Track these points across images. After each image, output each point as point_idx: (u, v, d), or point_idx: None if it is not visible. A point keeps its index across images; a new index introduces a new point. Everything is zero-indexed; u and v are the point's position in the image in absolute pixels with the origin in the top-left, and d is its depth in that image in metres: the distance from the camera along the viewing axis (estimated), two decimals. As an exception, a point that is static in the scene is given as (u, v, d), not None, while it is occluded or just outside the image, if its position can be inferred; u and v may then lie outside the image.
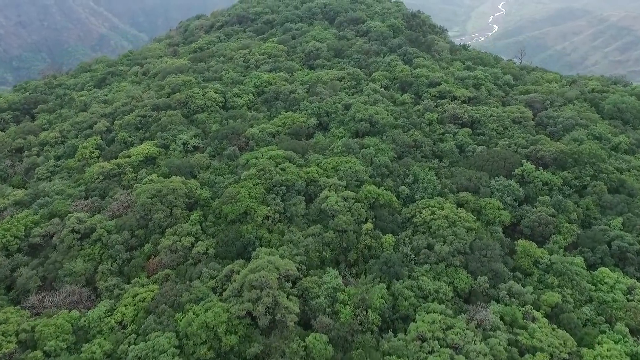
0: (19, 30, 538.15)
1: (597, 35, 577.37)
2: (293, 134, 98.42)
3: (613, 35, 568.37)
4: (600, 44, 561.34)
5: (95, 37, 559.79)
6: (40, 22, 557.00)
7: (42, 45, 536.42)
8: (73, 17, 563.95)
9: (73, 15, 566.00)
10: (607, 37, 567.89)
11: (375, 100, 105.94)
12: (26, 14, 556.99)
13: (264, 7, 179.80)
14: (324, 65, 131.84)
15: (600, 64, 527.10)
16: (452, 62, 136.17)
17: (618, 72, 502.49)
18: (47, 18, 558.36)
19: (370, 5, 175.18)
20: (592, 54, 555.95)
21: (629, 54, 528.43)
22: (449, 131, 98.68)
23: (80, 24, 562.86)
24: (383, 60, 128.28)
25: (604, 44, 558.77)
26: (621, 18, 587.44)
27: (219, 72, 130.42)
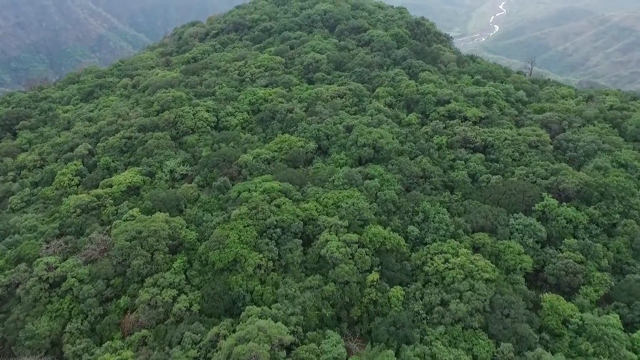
0: (17, 31, 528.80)
1: (599, 36, 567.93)
2: (290, 161, 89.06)
3: (615, 35, 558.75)
4: (602, 45, 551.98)
5: (94, 37, 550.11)
6: (38, 22, 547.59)
7: (41, 46, 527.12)
8: (72, 18, 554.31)
9: (72, 15, 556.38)
10: (609, 37, 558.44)
11: (379, 122, 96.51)
12: (24, 15, 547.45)
13: (261, 14, 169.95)
14: (324, 79, 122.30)
15: (602, 64, 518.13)
16: (460, 75, 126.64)
17: (620, 73, 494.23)
18: (45, 19, 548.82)
19: (372, 12, 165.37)
20: (593, 54, 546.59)
21: (631, 54, 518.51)
22: (460, 157, 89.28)
23: (79, 24, 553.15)
24: (387, 74, 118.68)
25: (606, 44, 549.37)
26: (623, 18, 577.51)
27: (212, 86, 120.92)
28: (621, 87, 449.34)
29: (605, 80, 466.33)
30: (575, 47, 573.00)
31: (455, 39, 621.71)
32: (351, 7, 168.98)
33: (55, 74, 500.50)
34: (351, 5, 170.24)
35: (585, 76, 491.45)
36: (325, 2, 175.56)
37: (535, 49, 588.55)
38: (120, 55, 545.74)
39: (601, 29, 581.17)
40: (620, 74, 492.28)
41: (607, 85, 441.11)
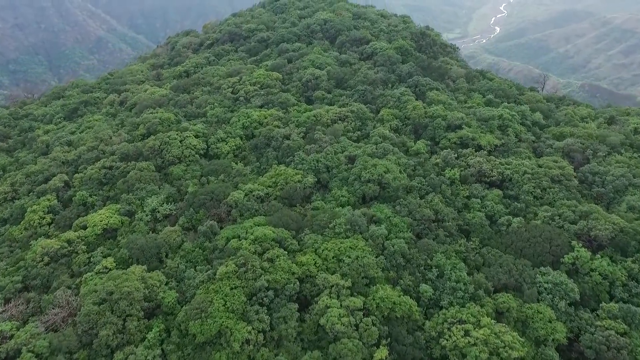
0: (16, 33, 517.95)
1: (600, 38, 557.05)
2: (286, 198, 78.63)
3: (617, 37, 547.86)
4: (603, 47, 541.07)
5: (92, 39, 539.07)
6: (37, 24, 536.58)
7: (39, 48, 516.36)
8: (70, 20, 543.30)
9: (70, 17, 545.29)
10: (610, 39, 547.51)
11: (384, 151, 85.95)
12: (23, 16, 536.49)
13: (258, 23, 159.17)
14: (324, 99, 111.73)
15: (603, 67, 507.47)
16: (470, 93, 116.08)
17: (622, 75, 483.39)
18: (44, 20, 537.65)
19: (375, 22, 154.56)
20: (595, 56, 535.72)
21: (633, 57, 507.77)
22: (475, 195, 78.77)
23: (78, 26, 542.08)
24: (392, 94, 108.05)
25: (608, 46, 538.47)
26: (625, 20, 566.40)
27: (203, 106, 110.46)
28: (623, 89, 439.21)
29: (607, 83, 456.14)
30: (576, 49, 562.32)
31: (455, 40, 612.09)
32: (352, 16, 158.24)
33: (54, 75, 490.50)
34: (352, 14, 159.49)
35: (587, 79, 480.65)
36: (325, 10, 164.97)
37: (537, 51, 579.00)
38: (119, 57, 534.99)
39: (603, 30, 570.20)
40: (623, 76, 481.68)
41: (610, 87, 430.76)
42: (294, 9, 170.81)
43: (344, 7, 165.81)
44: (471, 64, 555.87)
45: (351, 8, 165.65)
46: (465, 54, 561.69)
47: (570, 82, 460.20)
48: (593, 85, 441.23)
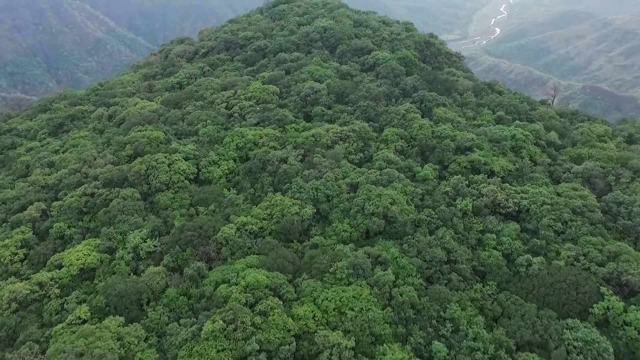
0: (14, 35, 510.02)
1: (601, 39, 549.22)
2: (282, 233, 70.84)
3: (618, 39, 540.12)
4: (604, 48, 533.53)
5: (91, 41, 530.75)
6: (35, 25, 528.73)
7: (38, 50, 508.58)
8: (69, 21, 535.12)
9: (69, 19, 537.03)
10: (611, 41, 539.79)
11: (389, 178, 77.97)
12: (21, 18, 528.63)
13: (255, 31, 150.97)
14: (324, 115, 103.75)
15: (604, 68, 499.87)
16: (479, 109, 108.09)
17: (623, 77, 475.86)
18: (42, 22, 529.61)
19: (377, 30, 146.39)
20: (596, 58, 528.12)
21: (634, 58, 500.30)
22: (490, 229, 70.91)
23: (76, 27, 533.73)
24: (396, 111, 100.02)
25: (609, 48, 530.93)
26: (626, 22, 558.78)
27: (194, 123, 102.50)
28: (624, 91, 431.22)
29: (609, 85, 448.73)
30: (577, 50, 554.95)
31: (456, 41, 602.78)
32: (353, 24, 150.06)
33: (52, 77, 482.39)
34: (353, 21, 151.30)
35: (588, 80, 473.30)
36: (325, 17, 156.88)
37: (537, 52, 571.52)
38: (118, 58, 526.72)
39: (603, 32, 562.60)
40: (624, 78, 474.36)
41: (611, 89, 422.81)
42: (292, 16, 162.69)
43: (344, 13, 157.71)
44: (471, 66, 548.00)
45: (352, 15, 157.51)
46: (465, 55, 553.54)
47: (571, 84, 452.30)
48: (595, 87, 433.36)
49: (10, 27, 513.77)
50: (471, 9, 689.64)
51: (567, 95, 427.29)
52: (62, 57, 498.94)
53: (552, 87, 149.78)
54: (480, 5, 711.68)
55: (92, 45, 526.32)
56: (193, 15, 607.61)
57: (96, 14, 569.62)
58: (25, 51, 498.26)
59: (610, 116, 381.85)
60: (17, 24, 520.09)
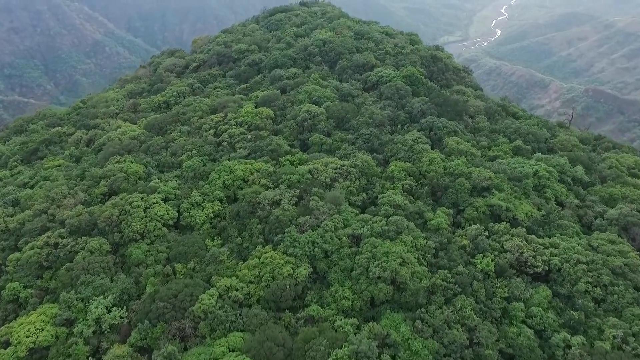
0: (11, 37, 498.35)
1: (603, 41, 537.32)
2: (273, 301, 59.22)
3: (620, 41, 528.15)
4: (606, 50, 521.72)
5: (89, 43, 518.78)
6: (33, 28, 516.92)
7: (35, 52, 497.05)
8: (67, 23, 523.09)
9: (67, 21, 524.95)
10: (613, 43, 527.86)
11: (397, 229, 66.21)
12: (19, 20, 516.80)
13: (250, 43, 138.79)
14: (322, 144, 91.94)
15: (607, 70, 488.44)
16: (494, 135, 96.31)
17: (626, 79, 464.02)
18: (40, 24, 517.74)
19: (379, 42, 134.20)
20: (598, 60, 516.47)
21: (636, 61, 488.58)
22: (516, 296, 59.25)
23: (75, 29, 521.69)
24: (403, 141, 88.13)
25: (611, 50, 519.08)
26: (628, 24, 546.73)
27: (178, 154, 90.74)
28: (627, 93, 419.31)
29: (611, 87, 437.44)
30: (579, 52, 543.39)
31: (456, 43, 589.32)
32: (354, 36, 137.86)
33: (50, 80, 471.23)
34: (354, 33, 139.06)
35: (590, 83, 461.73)
36: (324, 28, 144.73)
37: (539, 54, 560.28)
38: (116, 60, 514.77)
39: (605, 34, 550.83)
40: (626, 80, 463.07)
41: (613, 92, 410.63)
42: (289, 26, 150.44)
43: (344, 24, 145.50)
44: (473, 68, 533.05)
45: (353, 26, 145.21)
46: (466, 57, 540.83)
47: (573, 87, 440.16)
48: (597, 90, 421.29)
49: (8, 29, 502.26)
50: (472, 11, 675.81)
51: (569, 98, 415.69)
52: (60, 60, 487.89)
53: (571, 108, 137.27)
54: (481, 7, 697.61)
55: (91, 48, 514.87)
56: (192, 17, 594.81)
57: (95, 16, 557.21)
58: (23, 53, 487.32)
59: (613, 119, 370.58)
60: (14, 26, 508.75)
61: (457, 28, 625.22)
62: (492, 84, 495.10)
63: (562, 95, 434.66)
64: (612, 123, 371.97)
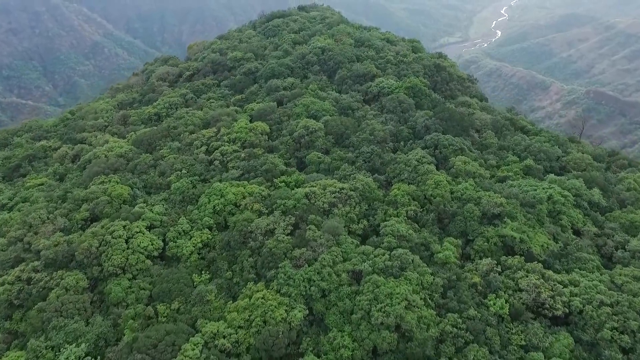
0: (10, 38, 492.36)
1: (604, 43, 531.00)
2: (264, 350, 52.81)
3: (621, 42, 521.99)
4: (607, 52, 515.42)
5: (88, 44, 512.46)
6: (31, 29, 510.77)
7: (34, 53, 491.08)
8: (66, 24, 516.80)
9: (66, 22, 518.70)
10: (614, 44, 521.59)
11: (401, 265, 59.85)
12: (17, 21, 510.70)
13: (246, 51, 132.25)
14: (320, 162, 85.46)
15: (607, 72, 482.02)
16: (502, 152, 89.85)
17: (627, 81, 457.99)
18: (38, 25, 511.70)
19: (381, 50, 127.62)
20: (599, 61, 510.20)
21: (637, 62, 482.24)
22: (534, 344, 52.80)
23: (73, 31, 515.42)
24: (406, 160, 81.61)
25: (611, 51, 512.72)
26: (629, 25, 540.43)
27: (167, 174, 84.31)
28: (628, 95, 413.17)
29: (612, 89, 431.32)
30: (579, 53, 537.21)
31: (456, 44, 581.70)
32: (354, 43, 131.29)
33: (49, 81, 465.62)
34: (354, 40, 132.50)
35: (591, 84, 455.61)
36: (323, 34, 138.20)
37: (539, 56, 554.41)
38: (115, 62, 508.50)
39: (606, 35, 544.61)
40: (627, 82, 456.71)
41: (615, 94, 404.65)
42: (287, 32, 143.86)
43: (344, 30, 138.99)
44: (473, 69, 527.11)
45: (353, 32, 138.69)
46: (466, 59, 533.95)
47: (574, 89, 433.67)
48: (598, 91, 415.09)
49: (6, 30, 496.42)
50: (472, 12, 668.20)
51: (570, 99, 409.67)
52: (58, 61, 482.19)
53: (581, 120, 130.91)
54: (481, 8, 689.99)
55: (89, 49, 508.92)
56: (191, 18, 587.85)
57: (93, 17, 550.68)
58: (21, 55, 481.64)
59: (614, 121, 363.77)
60: (13, 27, 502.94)
61: (457, 29, 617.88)
62: (493, 85, 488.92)
63: (563, 97, 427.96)
64: (614, 125, 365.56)
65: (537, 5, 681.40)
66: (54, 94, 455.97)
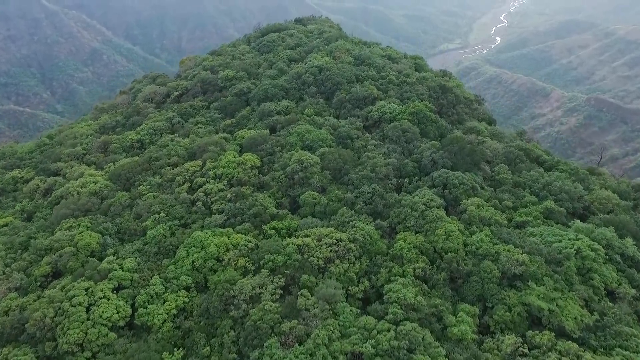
0: (8, 45, 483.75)
1: (604, 49, 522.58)
2: None
3: (621, 49, 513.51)
4: (607, 58, 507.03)
5: (87, 51, 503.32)
6: (30, 36, 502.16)
7: (32, 60, 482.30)
8: (65, 31, 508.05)
9: (65, 29, 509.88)
10: (614, 51, 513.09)
11: (409, 346, 49.37)
12: (16, 28, 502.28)
13: (238, 69, 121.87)
14: (316, 204, 74.94)
15: (608, 79, 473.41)
16: (518, 191, 79.33)
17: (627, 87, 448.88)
18: (37, 32, 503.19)
19: (382, 69, 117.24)
20: (599, 68, 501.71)
21: (638, 69, 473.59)
22: None
23: (72, 37, 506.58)
24: (412, 204, 71.08)
25: (612, 58, 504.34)
26: (629, 32, 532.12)
27: (144, 217, 73.82)
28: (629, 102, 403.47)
29: (613, 95, 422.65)
30: (580, 60, 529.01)
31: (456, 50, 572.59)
32: (354, 61, 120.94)
33: (47, 88, 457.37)
34: (354, 58, 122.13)
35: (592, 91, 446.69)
36: (321, 51, 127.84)
37: (539, 62, 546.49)
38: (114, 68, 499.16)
39: (606, 42, 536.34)
40: (628, 88, 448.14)
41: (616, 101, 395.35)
42: (283, 48, 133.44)
43: (343, 47, 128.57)
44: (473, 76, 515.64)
45: (352, 49, 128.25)
46: (466, 65, 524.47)
47: (575, 96, 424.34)
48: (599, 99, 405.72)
49: (5, 37, 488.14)
50: (471, 18, 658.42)
51: (571, 107, 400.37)
52: (57, 68, 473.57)
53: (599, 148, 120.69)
54: (480, 14, 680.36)
55: (88, 56, 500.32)
56: (191, 24, 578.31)
57: (92, 24, 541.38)
58: (19, 62, 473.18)
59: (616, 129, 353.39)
60: (11, 34, 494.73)
61: (457, 35, 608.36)
62: (493, 92, 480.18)
63: (563, 104, 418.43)
64: (615, 132, 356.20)
65: (536, 11, 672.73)
66: (52, 101, 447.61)
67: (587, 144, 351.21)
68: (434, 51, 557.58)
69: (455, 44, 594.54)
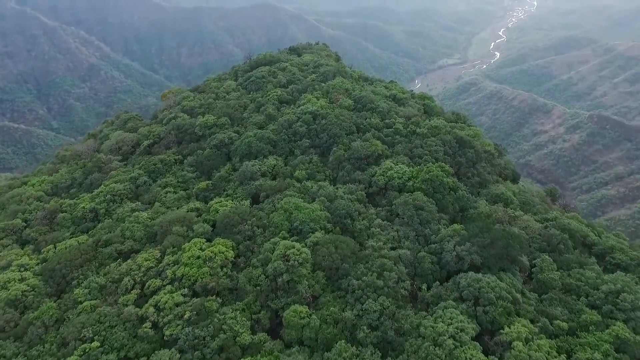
0: (5, 61, 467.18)
1: (604, 65, 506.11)
2: None
3: (621, 65, 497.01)
4: (608, 74, 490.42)
5: (84, 67, 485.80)
6: (27, 52, 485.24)
7: (29, 76, 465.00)
8: (62, 47, 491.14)
9: (62, 45, 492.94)
10: (614, 67, 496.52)
11: None
12: (13, 44, 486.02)
13: (220, 114, 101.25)
14: (304, 327, 53.86)
15: (609, 95, 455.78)
16: (569, 300, 58.32)
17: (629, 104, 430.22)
18: (35, 48, 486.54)
19: (387, 115, 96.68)
20: (600, 84, 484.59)
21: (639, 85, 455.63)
22: None
23: (70, 53, 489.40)
24: (435, 335, 49.94)
25: (612, 74, 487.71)
26: (628, 48, 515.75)
27: (70, 347, 52.66)
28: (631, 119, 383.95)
29: (614, 112, 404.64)
30: (580, 76, 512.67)
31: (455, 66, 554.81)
32: (354, 105, 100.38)
33: (43, 104, 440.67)
34: (354, 100, 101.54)
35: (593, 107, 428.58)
36: (316, 91, 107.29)
37: (539, 78, 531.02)
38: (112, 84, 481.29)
39: (606, 58, 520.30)
40: (630, 105, 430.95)
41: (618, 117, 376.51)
42: (273, 86, 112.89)
43: (341, 86, 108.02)
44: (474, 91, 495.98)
45: (352, 88, 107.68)
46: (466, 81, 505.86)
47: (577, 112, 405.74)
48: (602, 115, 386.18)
49: (2, 53, 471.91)
50: (470, 33, 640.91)
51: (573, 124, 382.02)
52: (54, 84, 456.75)
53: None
54: (479, 29, 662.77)
55: (86, 72, 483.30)
56: (190, 40, 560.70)
57: (91, 40, 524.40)
58: (15, 78, 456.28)
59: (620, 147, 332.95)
60: (8, 51, 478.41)
61: (456, 51, 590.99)
62: (494, 108, 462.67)
63: (565, 120, 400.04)
64: (619, 150, 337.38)
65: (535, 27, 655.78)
66: (48, 117, 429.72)
67: (591, 162, 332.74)
68: (433, 66, 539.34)
69: (454, 59, 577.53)
